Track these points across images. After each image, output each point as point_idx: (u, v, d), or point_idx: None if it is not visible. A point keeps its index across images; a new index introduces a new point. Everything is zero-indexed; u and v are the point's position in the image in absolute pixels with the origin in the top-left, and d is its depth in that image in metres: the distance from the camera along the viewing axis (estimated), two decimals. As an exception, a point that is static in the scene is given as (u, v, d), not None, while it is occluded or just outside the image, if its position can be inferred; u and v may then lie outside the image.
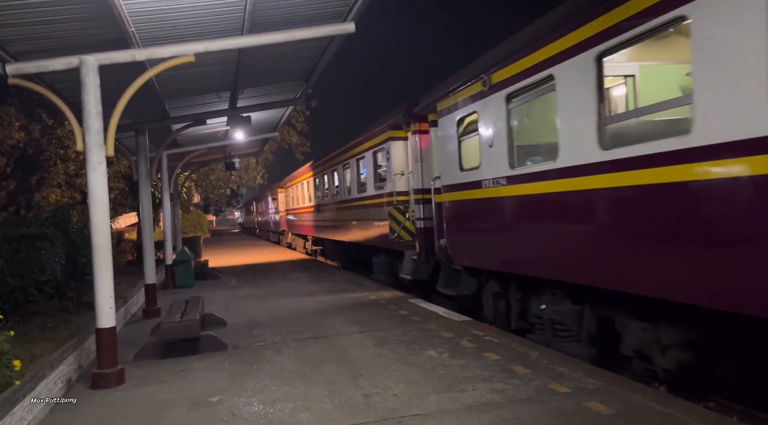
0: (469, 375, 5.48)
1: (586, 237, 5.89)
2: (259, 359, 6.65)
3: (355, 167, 15.32)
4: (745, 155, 4.02)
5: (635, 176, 5.02)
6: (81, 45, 6.18)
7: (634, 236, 5.20)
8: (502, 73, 7.47)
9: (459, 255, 9.23)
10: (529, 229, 7.00)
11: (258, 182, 33.21)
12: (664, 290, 4.86)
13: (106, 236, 6.09)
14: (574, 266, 6.14)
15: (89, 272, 7.35)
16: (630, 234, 5.25)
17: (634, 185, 5.05)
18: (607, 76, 5.70)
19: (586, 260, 5.94)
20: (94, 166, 6.01)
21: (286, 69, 9.36)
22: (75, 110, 6.62)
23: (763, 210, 3.94)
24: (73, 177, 18.13)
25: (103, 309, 6.01)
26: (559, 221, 6.34)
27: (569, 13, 6.07)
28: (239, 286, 14.00)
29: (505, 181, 7.47)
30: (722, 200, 4.25)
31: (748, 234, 4.11)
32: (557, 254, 6.43)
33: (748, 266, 4.09)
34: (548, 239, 6.56)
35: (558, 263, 6.43)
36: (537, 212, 6.80)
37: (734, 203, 4.17)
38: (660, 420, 4.17)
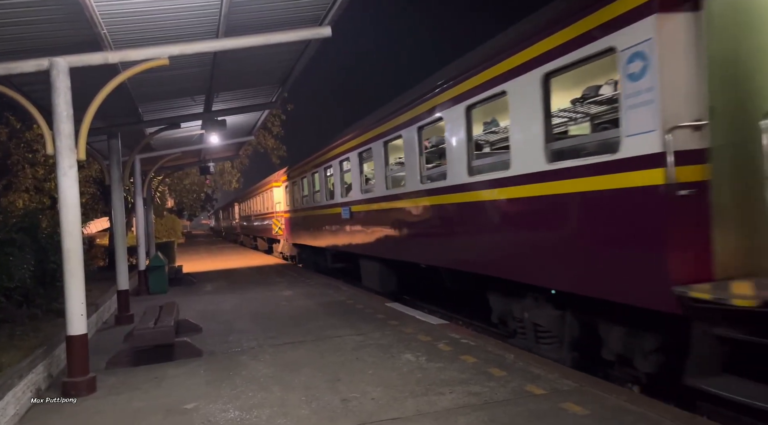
0: (446, 378, 5.50)
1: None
2: (236, 365, 6.58)
3: None
4: (534, 182, 6.18)
5: (488, 194, 7.31)
6: (51, 47, 6.06)
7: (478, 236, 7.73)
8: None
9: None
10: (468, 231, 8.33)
11: (233, 186, 32.94)
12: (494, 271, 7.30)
13: (77, 242, 5.97)
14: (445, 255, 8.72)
15: (59, 279, 7.20)
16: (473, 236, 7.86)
17: (486, 200, 7.35)
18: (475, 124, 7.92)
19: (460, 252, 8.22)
20: (64, 170, 5.89)
21: (262, 73, 9.31)
22: (45, 113, 6.49)
23: (554, 218, 5.96)
24: (42, 182, 17.71)
25: (74, 316, 5.89)
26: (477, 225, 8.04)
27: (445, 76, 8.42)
28: (214, 291, 13.84)
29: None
30: (527, 213, 6.46)
31: (548, 237, 6.07)
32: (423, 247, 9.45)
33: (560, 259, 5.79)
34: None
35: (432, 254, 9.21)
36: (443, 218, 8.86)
37: (537, 214, 6.24)
38: (634, 420, 4.25)
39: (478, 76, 7.24)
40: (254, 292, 13.12)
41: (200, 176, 26.73)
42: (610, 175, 5.17)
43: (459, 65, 7.98)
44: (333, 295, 11.76)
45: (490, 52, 7.10)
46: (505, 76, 6.64)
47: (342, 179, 13.79)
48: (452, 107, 7.93)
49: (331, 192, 14.91)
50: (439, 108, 8.35)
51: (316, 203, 16.76)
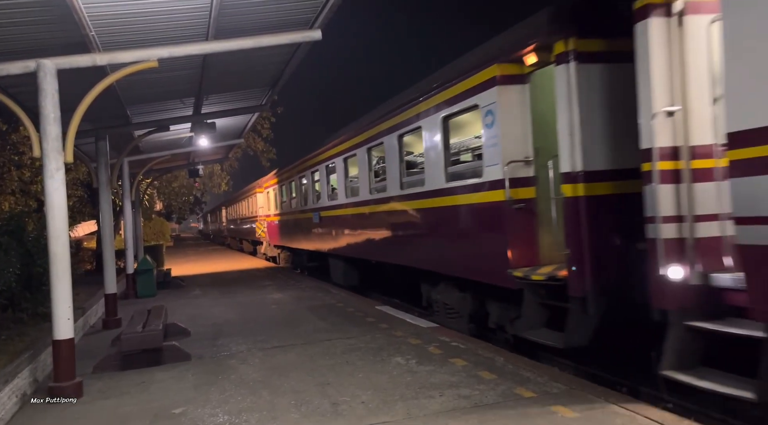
0: (436, 382, 5.50)
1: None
2: (224, 369, 6.54)
3: None
4: (439, 196, 8.33)
5: (412, 204, 9.37)
6: (39, 48, 6.01)
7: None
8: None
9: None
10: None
11: (222, 188, 32.80)
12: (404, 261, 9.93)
13: (64, 245, 5.91)
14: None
15: (46, 282, 7.13)
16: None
17: (411, 209, 9.40)
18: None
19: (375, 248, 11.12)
20: (51, 173, 5.84)
21: (251, 75, 9.29)
22: (32, 115, 6.43)
23: (449, 223, 8.13)
24: (28, 184, 17.52)
25: (61, 320, 5.83)
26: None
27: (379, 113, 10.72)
28: (203, 295, 13.75)
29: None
30: (435, 219, 8.62)
31: (451, 237, 8.14)
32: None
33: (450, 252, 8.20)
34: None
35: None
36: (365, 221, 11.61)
37: (440, 219, 8.39)
38: (622, 422, 4.27)
39: (405, 113, 9.39)
40: (243, 295, 13.05)
41: (189, 178, 26.57)
42: (478, 193, 7.36)
43: (394, 103, 10.07)
44: (323, 298, 11.73)
45: (412, 96, 9.16)
46: (420, 116, 8.80)
47: (313, 187, 16.05)
48: (390, 134, 10.02)
49: (304, 199, 17.10)
50: (380, 135, 10.51)
51: (292, 208, 18.92)
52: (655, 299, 4.84)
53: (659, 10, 4.85)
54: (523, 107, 6.76)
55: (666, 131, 4.84)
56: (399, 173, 9.75)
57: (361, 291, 13.00)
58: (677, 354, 4.68)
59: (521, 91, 6.76)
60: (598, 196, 5.76)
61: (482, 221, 7.35)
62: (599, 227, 5.75)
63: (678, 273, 4.70)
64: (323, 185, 14.80)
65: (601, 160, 5.79)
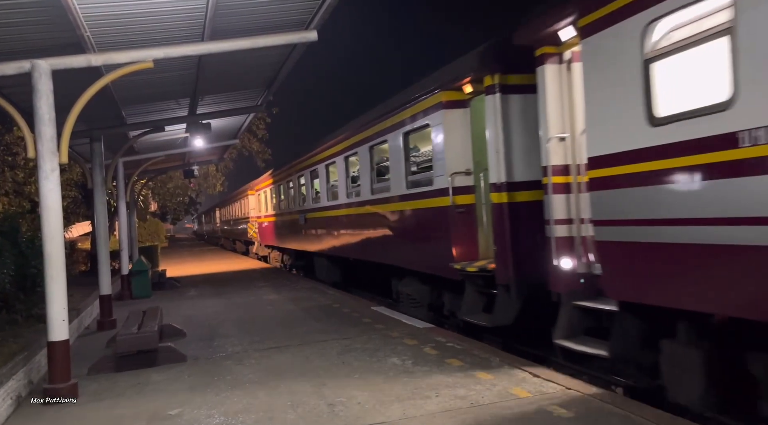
0: (432, 382, 5.51)
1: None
2: (220, 370, 6.53)
3: None
4: (402, 201, 9.62)
5: (381, 208, 10.58)
6: (33, 49, 5.98)
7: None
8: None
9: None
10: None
11: (218, 189, 32.72)
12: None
13: (58, 246, 5.89)
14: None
15: (40, 284, 7.10)
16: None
17: (380, 212, 10.62)
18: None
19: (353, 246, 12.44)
20: (46, 173, 5.81)
21: (247, 76, 9.27)
22: (26, 115, 6.40)
23: (410, 224, 9.48)
24: (22, 185, 17.44)
25: (56, 322, 5.80)
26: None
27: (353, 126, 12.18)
28: (198, 296, 13.73)
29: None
30: (399, 220, 9.89)
31: (411, 236, 9.46)
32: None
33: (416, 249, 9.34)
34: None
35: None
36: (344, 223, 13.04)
37: (403, 221, 9.73)
38: (618, 422, 4.29)
39: (374, 127, 10.68)
40: (239, 296, 13.03)
41: (184, 179, 26.49)
42: (430, 198, 8.59)
43: (367, 117, 11.30)
44: (318, 299, 11.72)
45: (381, 113, 10.43)
46: (386, 131, 10.09)
47: (299, 191, 17.28)
48: (363, 145, 11.21)
49: (292, 202, 18.40)
50: (354, 146, 11.77)
51: (281, 210, 20.20)
52: (552, 285, 6.05)
53: (553, 58, 6.09)
54: (465, 127, 8.04)
55: (558, 153, 6.07)
56: (370, 180, 11.04)
57: (343, 287, 14.13)
58: (567, 326, 5.86)
59: (463, 114, 8.03)
60: (517, 202, 7.02)
61: (433, 223, 8.61)
62: (518, 227, 6.96)
63: (568, 264, 5.92)
64: (308, 189, 16.07)
65: (519, 173, 7.06)
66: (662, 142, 4.50)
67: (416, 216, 9.22)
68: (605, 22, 5.07)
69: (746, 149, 3.79)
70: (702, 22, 4.31)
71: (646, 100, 4.65)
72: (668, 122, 4.47)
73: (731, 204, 3.95)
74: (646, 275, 4.84)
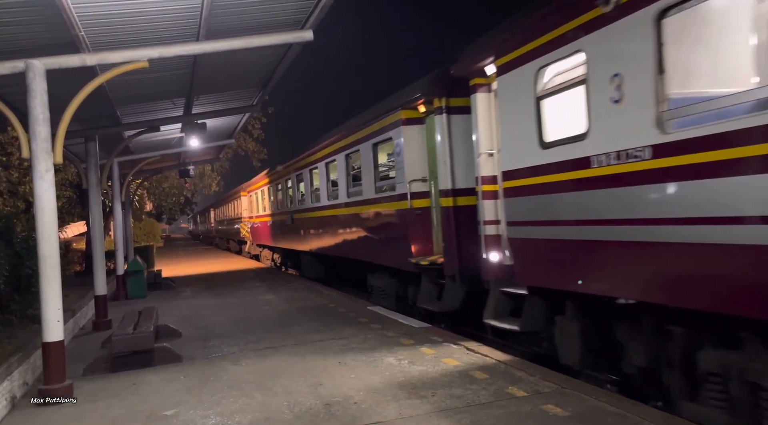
0: (428, 382, 5.52)
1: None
2: (216, 370, 6.52)
3: None
4: (371, 204, 10.88)
5: (355, 209, 11.88)
6: (28, 49, 5.96)
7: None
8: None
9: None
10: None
11: (213, 189, 32.62)
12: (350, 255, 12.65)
13: (53, 246, 5.86)
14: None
15: (35, 284, 7.07)
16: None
17: (354, 214, 11.91)
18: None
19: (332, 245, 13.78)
20: (41, 174, 5.79)
21: (242, 76, 9.25)
22: (20, 115, 6.38)
23: (379, 224, 10.58)
24: (17, 185, 17.35)
25: (50, 322, 5.78)
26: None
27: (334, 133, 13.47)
28: (194, 296, 13.70)
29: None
30: (369, 221, 11.10)
31: (379, 235, 10.72)
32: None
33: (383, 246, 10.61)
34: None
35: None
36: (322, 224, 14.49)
37: (373, 222, 10.90)
38: (613, 421, 4.31)
39: (350, 138, 11.91)
40: (235, 296, 13.01)
41: (180, 179, 26.41)
42: (393, 202, 9.87)
43: (344, 128, 12.51)
44: (315, 299, 11.72)
45: (355, 124, 11.64)
46: (359, 141, 11.34)
47: (287, 193, 18.67)
48: (341, 153, 12.50)
49: (280, 203, 19.71)
50: (333, 154, 13.02)
51: (270, 211, 21.53)
52: (484, 274, 7.38)
53: (483, 87, 7.29)
54: (421, 141, 9.24)
55: (487, 165, 7.27)
56: (346, 184, 12.32)
57: (327, 283, 15.19)
58: (494, 308, 7.11)
59: (419, 130, 9.27)
60: (461, 206, 8.21)
61: (396, 223, 9.85)
62: (461, 226, 8.13)
63: (495, 257, 7.17)
64: (294, 192, 17.50)
65: (461, 181, 8.25)
66: (549, 161, 5.74)
67: (383, 217, 10.47)
68: (512, 65, 6.29)
69: (595, 169, 5.09)
70: (570, 72, 5.56)
71: (538, 128, 5.88)
72: (552, 146, 5.71)
73: (587, 210, 5.23)
74: (543, 264, 6.14)
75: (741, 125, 3.79)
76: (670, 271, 4.49)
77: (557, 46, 5.50)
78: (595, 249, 5.16)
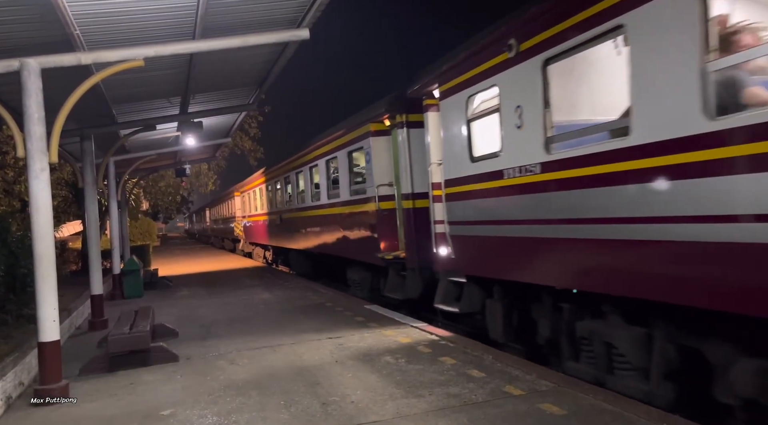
0: (425, 380, 5.52)
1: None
2: (213, 369, 6.51)
3: None
4: (347, 205, 12.28)
5: (334, 210, 13.27)
6: (22, 47, 5.92)
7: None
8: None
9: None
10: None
11: (209, 188, 32.55)
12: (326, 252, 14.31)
13: (49, 246, 5.84)
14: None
15: (30, 284, 7.04)
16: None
17: (333, 214, 13.27)
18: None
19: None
20: (36, 173, 5.76)
21: (239, 74, 9.23)
22: (15, 114, 6.34)
23: (353, 223, 11.94)
24: (12, 184, 17.29)
25: (46, 322, 5.75)
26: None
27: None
28: (191, 295, 13.67)
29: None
30: (346, 221, 12.44)
31: (354, 233, 12.01)
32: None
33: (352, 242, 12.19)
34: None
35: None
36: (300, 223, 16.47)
37: (348, 221, 12.25)
38: (610, 419, 4.31)
39: (329, 145, 13.31)
40: (231, 295, 12.99)
41: (176, 178, 26.35)
42: (364, 204, 11.18)
43: (325, 136, 13.76)
44: (312, 298, 11.71)
45: (334, 134, 12.97)
46: (337, 149, 12.70)
47: (275, 194, 20.13)
48: (322, 159, 13.92)
49: (270, 204, 21.15)
50: (316, 159, 14.43)
51: (262, 211, 22.84)
52: (435, 266, 8.62)
53: (433, 107, 8.44)
54: (388, 150, 10.40)
55: (437, 174, 8.20)
56: (327, 187, 13.69)
57: (313, 278, 16.42)
58: (443, 295, 8.19)
59: (386, 141, 10.43)
60: (419, 208, 9.41)
61: (367, 223, 11.11)
62: (419, 226, 9.27)
63: (443, 251, 8.16)
64: (283, 194, 18.93)
65: (419, 186, 9.42)
66: (476, 172, 7.02)
67: (356, 218, 11.70)
68: (451, 92, 7.59)
69: (506, 180, 6.37)
70: (490, 101, 6.81)
71: (469, 145, 7.21)
72: (479, 160, 7.01)
73: (502, 213, 6.56)
74: (475, 257, 7.44)
75: (593, 150, 5.07)
76: (557, 260, 5.69)
77: (481, 79, 6.82)
78: (510, 244, 6.47)
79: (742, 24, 4.35)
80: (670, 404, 4.75)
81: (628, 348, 5.07)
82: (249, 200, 26.11)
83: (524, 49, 5.90)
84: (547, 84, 5.65)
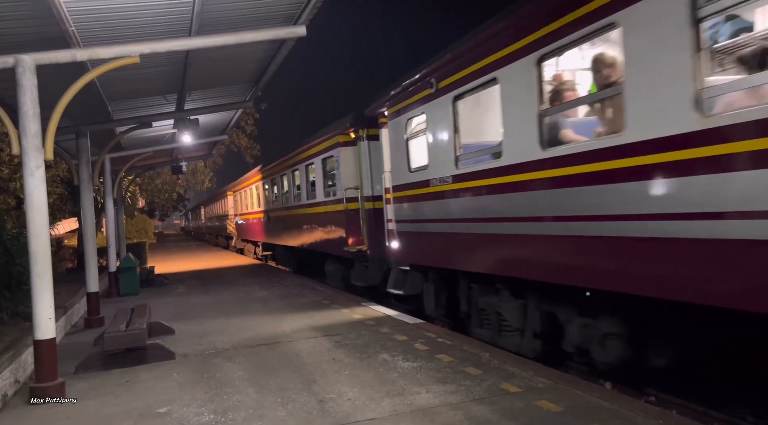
0: (422, 378, 5.52)
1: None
2: (209, 367, 6.50)
3: None
4: (321, 205, 14.20)
5: (311, 210, 15.23)
6: (17, 44, 5.89)
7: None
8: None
9: None
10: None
11: (206, 185, 32.51)
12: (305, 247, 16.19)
13: (44, 243, 5.81)
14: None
15: (26, 282, 7.02)
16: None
17: (311, 213, 15.11)
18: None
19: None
20: (31, 170, 5.73)
21: (235, 71, 9.20)
22: (10, 111, 6.31)
23: (327, 222, 13.70)
24: (7, 181, 17.21)
25: (42, 320, 5.73)
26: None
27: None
28: (187, 293, 13.65)
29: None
30: (321, 219, 14.24)
31: (327, 230, 13.83)
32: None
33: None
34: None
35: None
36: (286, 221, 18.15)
37: (322, 220, 14.12)
38: (606, 416, 4.32)
39: (307, 152, 15.03)
40: (228, 293, 12.98)
41: (172, 175, 26.29)
42: (334, 204, 12.81)
43: (305, 143, 15.34)
44: (309, 296, 11.70)
45: (311, 142, 14.65)
46: (313, 156, 14.47)
47: (264, 194, 21.77)
48: (302, 163, 15.63)
49: (258, 202, 22.80)
50: (297, 163, 16.17)
51: (252, 209, 24.45)
52: (389, 257, 10.01)
53: (386, 124, 9.92)
54: (354, 159, 11.96)
55: (389, 180, 9.75)
56: (306, 189, 15.50)
57: (299, 271, 17.89)
58: (394, 280, 9.69)
59: (353, 150, 11.98)
60: (378, 208, 11.12)
61: (337, 221, 12.66)
62: (378, 223, 10.95)
63: (394, 245, 9.59)
64: (270, 194, 20.68)
65: (377, 190, 11.17)
66: (413, 181, 8.64)
67: (329, 216, 13.32)
68: (395, 114, 9.27)
69: (431, 187, 8.04)
70: (421, 124, 8.41)
71: (407, 159, 8.84)
72: (414, 171, 8.61)
73: (429, 213, 8.23)
74: (413, 249, 9.08)
75: (482, 167, 6.84)
76: (466, 250, 7.35)
77: (415, 107, 8.48)
78: (436, 238, 8.09)
79: (559, 83, 6.01)
80: (537, 354, 6.43)
81: (511, 315, 6.80)
82: (241, 199, 27.54)
83: (441, 86, 7.66)
84: (456, 114, 7.36)
